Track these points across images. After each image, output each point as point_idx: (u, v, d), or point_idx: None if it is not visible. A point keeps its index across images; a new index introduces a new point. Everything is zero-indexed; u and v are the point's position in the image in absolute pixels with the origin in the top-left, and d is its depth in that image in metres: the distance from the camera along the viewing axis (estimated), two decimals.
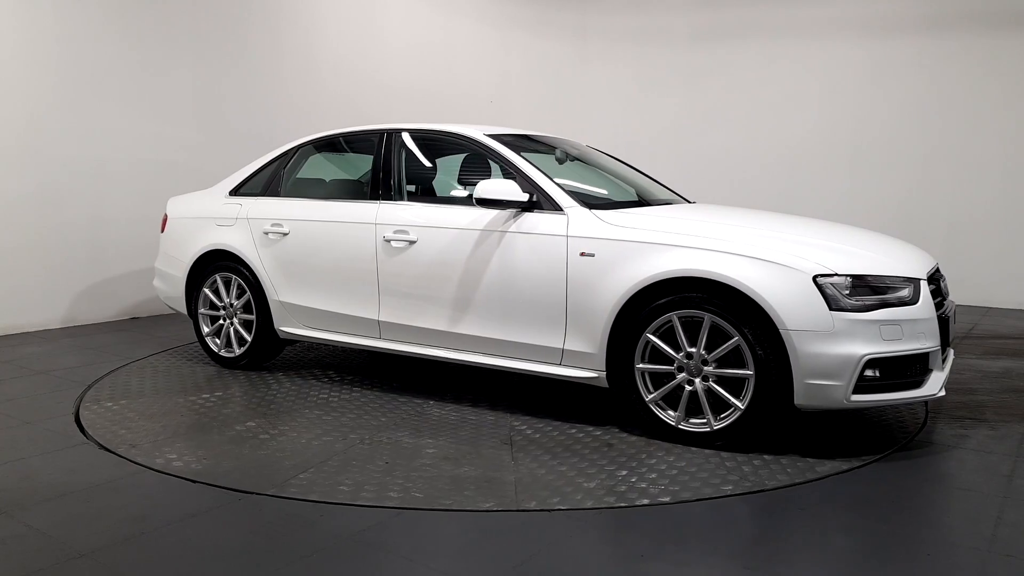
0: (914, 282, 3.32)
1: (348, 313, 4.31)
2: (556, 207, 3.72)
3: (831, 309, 3.13)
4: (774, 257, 3.24)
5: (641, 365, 3.48)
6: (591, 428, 3.70)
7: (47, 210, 5.99)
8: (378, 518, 2.69)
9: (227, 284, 4.78)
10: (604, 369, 3.57)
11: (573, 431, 3.66)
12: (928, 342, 3.27)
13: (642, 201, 4.25)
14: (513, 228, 3.77)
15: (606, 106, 9.75)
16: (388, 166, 4.33)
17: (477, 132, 4.20)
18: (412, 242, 4.05)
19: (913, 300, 3.27)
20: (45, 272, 6.03)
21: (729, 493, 2.92)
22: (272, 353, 4.82)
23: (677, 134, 9.36)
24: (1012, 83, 7.73)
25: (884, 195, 8.28)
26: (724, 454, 3.31)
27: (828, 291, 3.16)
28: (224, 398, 4.19)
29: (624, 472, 3.13)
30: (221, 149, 6.85)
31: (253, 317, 4.66)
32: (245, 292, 4.68)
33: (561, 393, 4.27)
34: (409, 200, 4.26)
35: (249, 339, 4.70)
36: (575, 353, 3.62)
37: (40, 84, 5.88)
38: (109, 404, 4.06)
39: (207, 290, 4.84)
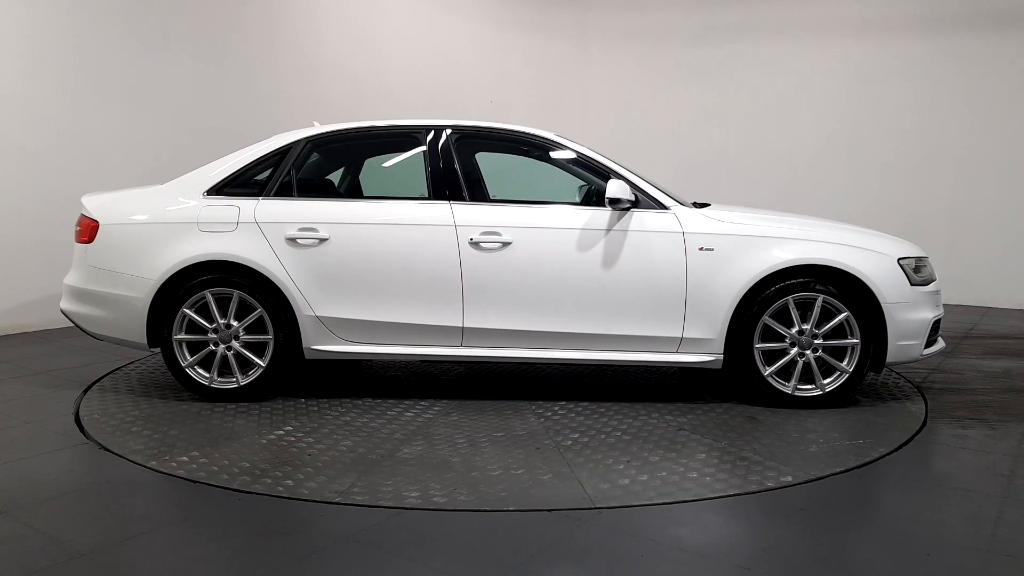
0: (927, 260, 4.18)
1: (420, 322, 3.97)
2: (660, 206, 4.00)
3: (911, 284, 3.97)
4: (868, 245, 4.00)
5: (760, 345, 3.94)
6: (715, 406, 4.06)
7: (47, 210, 5.99)
8: (377, 518, 2.69)
9: (219, 302, 4.03)
10: (723, 352, 3.94)
11: (705, 413, 3.95)
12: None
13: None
14: (633, 226, 3.94)
15: (606, 106, 9.75)
16: (451, 165, 4.12)
17: (551, 134, 4.25)
18: (506, 243, 3.94)
19: (934, 275, 4.16)
20: (45, 272, 6.02)
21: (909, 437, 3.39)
22: (284, 378, 4.14)
23: (677, 134, 9.36)
24: (1012, 83, 7.73)
25: (884, 195, 8.28)
26: (833, 411, 4.02)
27: (907, 270, 3.99)
28: (312, 428, 3.65)
29: (812, 434, 3.61)
30: (220, 149, 6.84)
31: (269, 337, 4.01)
32: (255, 309, 4.01)
33: (596, 379, 4.28)
34: (488, 201, 4.09)
35: (263, 364, 4.03)
36: (694, 340, 3.94)
37: (40, 84, 5.88)
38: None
39: (188, 311, 4.02)
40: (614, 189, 3.87)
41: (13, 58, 5.73)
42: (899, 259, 3.99)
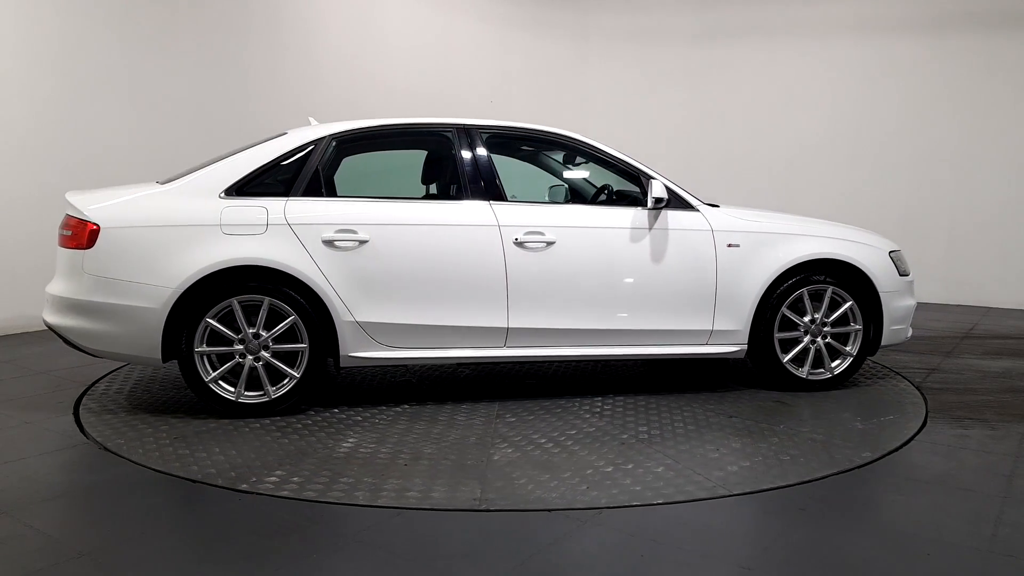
0: (902, 254, 4.55)
1: (464, 324, 3.90)
2: (689, 206, 4.20)
3: (899, 275, 4.38)
4: (864, 240, 4.39)
5: (779, 335, 4.22)
6: (741, 393, 4.30)
7: (47, 210, 5.98)
8: (378, 518, 2.69)
9: (246, 310, 3.73)
10: (747, 343, 4.20)
11: (737, 400, 4.17)
12: None
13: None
14: (671, 225, 4.12)
15: (606, 106, 9.75)
16: (488, 165, 4.07)
17: (579, 135, 4.30)
18: (550, 243, 3.96)
19: (909, 267, 4.53)
20: (45, 272, 6.01)
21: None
22: (317, 389, 3.98)
23: (677, 134, 9.36)
24: (1013, 83, 7.73)
25: (885, 195, 8.28)
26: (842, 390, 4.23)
27: (896, 262, 4.40)
28: (377, 438, 3.49)
29: (846, 413, 3.93)
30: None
31: (304, 346, 3.76)
32: (288, 316, 3.74)
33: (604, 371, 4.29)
34: (527, 201, 4.07)
35: (297, 375, 3.78)
36: (722, 332, 4.17)
37: (41, 85, 5.88)
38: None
39: (212, 320, 3.68)
40: (658, 190, 4.03)
41: (12, 59, 5.73)
42: (890, 252, 4.41)
